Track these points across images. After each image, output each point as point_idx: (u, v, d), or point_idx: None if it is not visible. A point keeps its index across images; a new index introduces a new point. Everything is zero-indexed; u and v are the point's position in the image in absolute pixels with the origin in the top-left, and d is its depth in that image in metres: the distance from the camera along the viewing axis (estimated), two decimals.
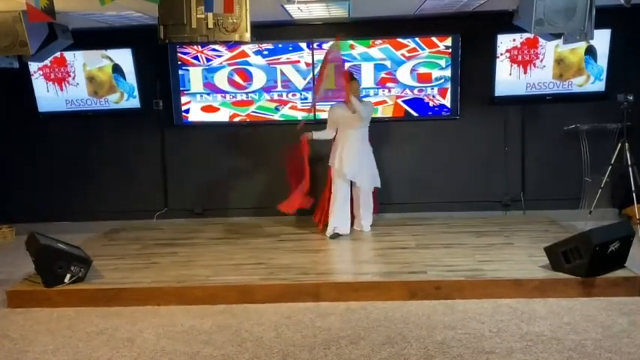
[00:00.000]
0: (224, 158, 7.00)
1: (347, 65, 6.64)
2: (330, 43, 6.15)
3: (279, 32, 6.63)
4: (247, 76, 6.78)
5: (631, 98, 5.87)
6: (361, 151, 5.89)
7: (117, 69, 6.74)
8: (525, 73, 6.50)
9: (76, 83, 6.82)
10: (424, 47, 6.59)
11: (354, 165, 5.82)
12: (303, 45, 6.67)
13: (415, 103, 6.70)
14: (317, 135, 6.00)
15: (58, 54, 6.37)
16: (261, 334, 4.03)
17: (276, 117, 6.85)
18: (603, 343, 3.73)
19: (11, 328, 4.32)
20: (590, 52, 6.37)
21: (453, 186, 6.85)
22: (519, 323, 4.05)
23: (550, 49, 6.39)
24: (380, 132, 6.62)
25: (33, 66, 6.63)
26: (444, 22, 6.49)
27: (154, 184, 7.11)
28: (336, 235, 5.89)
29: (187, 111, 6.89)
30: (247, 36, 4.53)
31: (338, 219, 5.93)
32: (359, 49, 6.63)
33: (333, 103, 6.01)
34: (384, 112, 6.74)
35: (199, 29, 4.52)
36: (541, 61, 6.46)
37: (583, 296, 4.47)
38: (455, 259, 5.13)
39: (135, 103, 6.83)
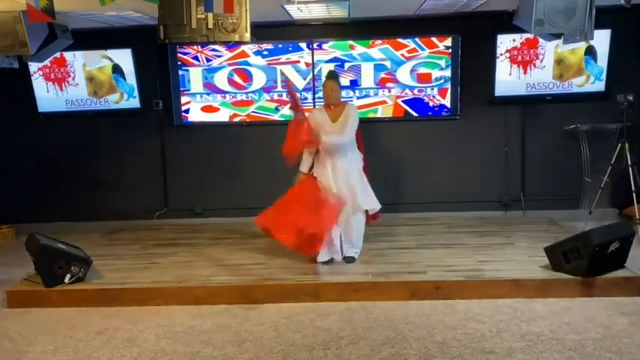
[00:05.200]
0: (224, 158, 7.00)
1: (347, 66, 6.66)
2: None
3: (279, 32, 6.63)
4: (247, 77, 6.78)
5: (631, 98, 5.86)
6: (350, 166, 5.02)
7: (117, 69, 6.74)
8: (525, 73, 6.50)
9: (76, 83, 6.82)
10: (424, 47, 6.59)
11: (343, 186, 4.98)
12: (303, 45, 6.67)
13: (415, 103, 6.70)
14: (303, 166, 5.13)
15: (58, 54, 6.37)
16: (261, 334, 4.03)
17: (276, 117, 6.84)
18: (603, 343, 3.73)
19: (11, 328, 4.32)
20: (590, 52, 6.37)
21: (452, 186, 6.85)
22: (519, 323, 4.05)
23: (550, 50, 6.39)
24: (380, 132, 6.63)
25: (33, 66, 6.63)
26: (444, 22, 6.49)
27: (154, 184, 7.11)
28: (330, 261, 5.09)
29: (187, 111, 6.90)
30: (247, 36, 4.53)
31: (334, 246, 5.07)
32: (359, 49, 6.62)
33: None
34: (384, 112, 6.74)
35: (199, 29, 4.52)
36: (541, 61, 6.45)
37: (583, 296, 4.47)
38: (455, 259, 5.13)
39: (135, 103, 6.82)
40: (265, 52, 6.71)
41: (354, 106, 5.34)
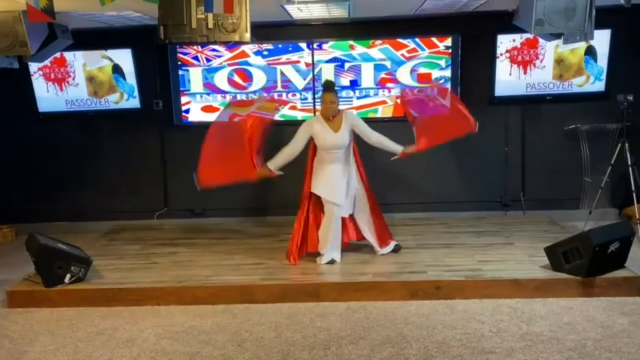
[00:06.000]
0: None
1: (347, 66, 6.65)
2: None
3: (279, 32, 6.63)
4: (247, 77, 6.78)
5: (631, 98, 5.86)
6: (348, 175, 5.16)
7: (117, 69, 6.74)
8: (525, 73, 6.50)
9: (76, 83, 6.81)
10: (424, 47, 6.58)
11: (343, 194, 5.09)
12: (303, 45, 6.67)
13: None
14: (276, 163, 5.09)
15: (58, 54, 6.36)
16: (261, 334, 4.04)
17: (276, 117, 6.83)
18: (603, 343, 3.73)
19: (11, 328, 4.33)
20: (590, 52, 6.37)
21: (452, 186, 6.85)
22: (519, 323, 4.06)
23: (550, 50, 6.39)
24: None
25: (33, 66, 6.62)
26: (444, 22, 6.49)
27: (154, 184, 7.10)
28: (333, 262, 5.18)
29: (187, 111, 6.89)
30: (247, 36, 4.53)
31: (335, 248, 5.20)
32: (359, 49, 6.62)
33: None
34: (384, 112, 6.74)
35: (199, 29, 4.52)
36: (541, 61, 6.45)
37: (583, 296, 4.47)
38: (455, 259, 5.14)
39: (135, 103, 6.82)
40: (265, 52, 6.70)
41: (354, 113, 5.56)
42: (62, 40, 5.64)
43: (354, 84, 6.69)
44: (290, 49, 6.68)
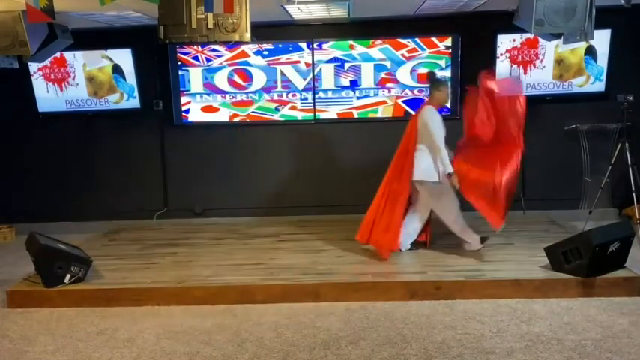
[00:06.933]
0: (224, 158, 7.00)
1: (347, 66, 6.66)
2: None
3: (279, 32, 6.63)
4: (247, 77, 6.78)
5: (631, 98, 5.86)
6: None
7: (117, 69, 6.74)
8: (525, 73, 6.50)
9: (76, 83, 6.82)
10: (424, 47, 6.59)
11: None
12: (303, 45, 6.67)
13: (415, 103, 6.69)
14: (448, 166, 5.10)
15: (58, 54, 6.37)
16: (261, 334, 4.04)
17: (276, 117, 6.85)
18: (603, 343, 3.73)
19: (11, 328, 4.33)
20: (590, 52, 6.37)
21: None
22: (519, 323, 4.06)
23: (550, 50, 6.39)
24: (380, 132, 6.62)
25: (33, 66, 6.63)
26: (444, 22, 6.49)
27: (154, 184, 7.10)
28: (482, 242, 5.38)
29: (187, 111, 6.89)
30: (247, 36, 4.54)
31: (470, 230, 5.40)
32: (359, 49, 6.62)
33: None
34: (384, 112, 6.73)
35: (199, 29, 4.52)
36: (541, 61, 6.46)
37: (583, 296, 4.47)
38: (455, 259, 5.13)
39: (135, 103, 6.82)
40: (265, 52, 6.71)
41: None
42: (62, 40, 5.64)
43: (354, 84, 6.70)
44: (290, 49, 6.69)
